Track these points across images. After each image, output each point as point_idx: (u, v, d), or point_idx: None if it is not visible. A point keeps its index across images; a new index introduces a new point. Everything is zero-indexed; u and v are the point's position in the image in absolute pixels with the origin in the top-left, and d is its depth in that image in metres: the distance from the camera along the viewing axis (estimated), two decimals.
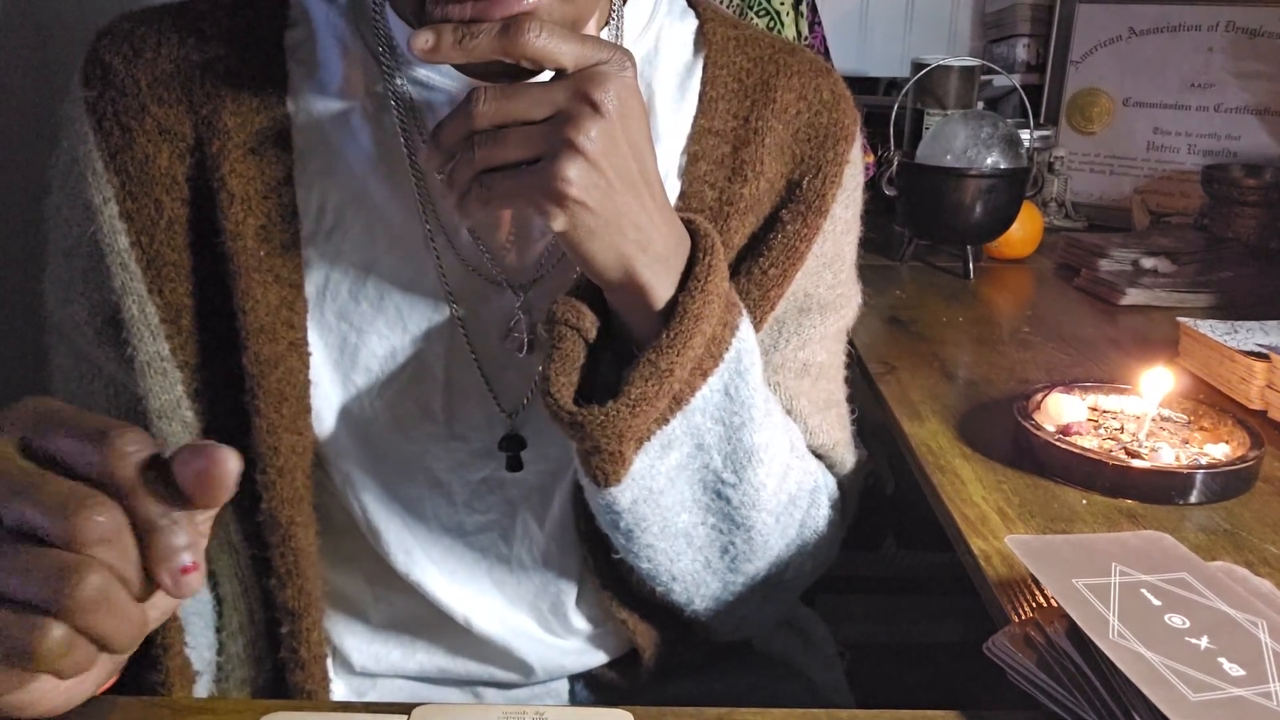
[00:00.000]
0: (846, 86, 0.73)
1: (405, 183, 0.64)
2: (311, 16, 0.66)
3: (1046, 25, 1.62)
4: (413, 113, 0.64)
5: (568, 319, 0.58)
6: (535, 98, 0.52)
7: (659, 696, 0.74)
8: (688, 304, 0.57)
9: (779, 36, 0.85)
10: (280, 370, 0.63)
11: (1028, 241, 1.36)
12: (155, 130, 0.62)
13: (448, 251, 0.65)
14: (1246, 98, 1.48)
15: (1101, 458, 0.73)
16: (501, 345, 0.66)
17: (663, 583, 0.67)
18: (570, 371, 0.58)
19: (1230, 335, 0.94)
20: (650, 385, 0.56)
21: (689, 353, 0.57)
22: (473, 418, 0.67)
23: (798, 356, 0.72)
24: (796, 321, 0.71)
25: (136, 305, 0.62)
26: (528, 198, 0.53)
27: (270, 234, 0.62)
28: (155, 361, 0.62)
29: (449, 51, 0.51)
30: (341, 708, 0.52)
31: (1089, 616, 0.50)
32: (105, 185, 0.62)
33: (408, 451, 0.67)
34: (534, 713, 0.51)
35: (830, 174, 0.69)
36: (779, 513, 0.67)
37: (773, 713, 0.52)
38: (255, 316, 0.62)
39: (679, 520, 0.64)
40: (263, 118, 0.63)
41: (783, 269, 0.68)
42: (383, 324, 0.65)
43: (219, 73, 0.63)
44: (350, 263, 0.64)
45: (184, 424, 0.63)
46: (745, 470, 0.63)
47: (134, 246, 0.62)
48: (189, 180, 0.63)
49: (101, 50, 0.63)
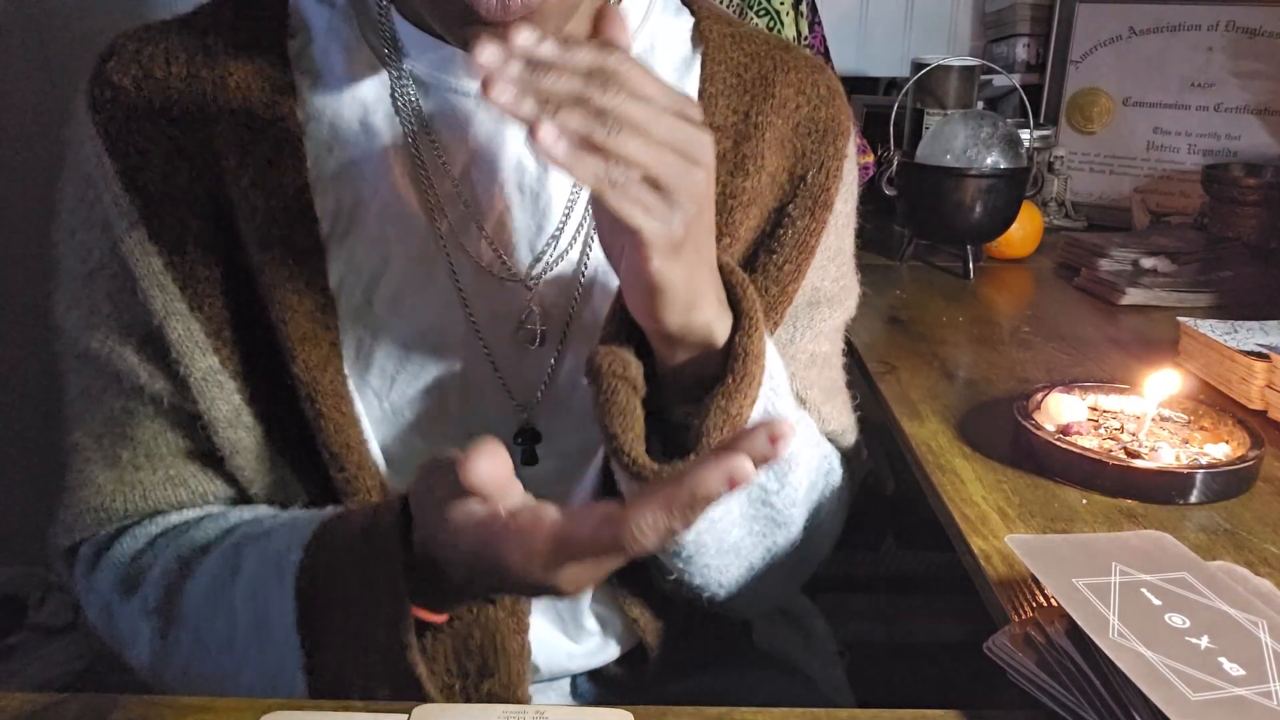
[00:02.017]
0: (840, 82, 0.74)
1: (415, 183, 0.65)
2: (311, 25, 0.66)
3: (1046, 25, 1.62)
4: (420, 113, 0.65)
5: (615, 370, 0.58)
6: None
7: (660, 693, 0.74)
8: (747, 345, 0.58)
9: (772, 34, 0.87)
10: (330, 372, 0.64)
11: (1028, 241, 1.36)
12: (172, 149, 0.63)
13: (457, 249, 0.66)
14: (1246, 97, 1.48)
15: (1101, 458, 0.73)
16: (513, 340, 0.67)
17: (710, 590, 0.68)
18: (634, 426, 0.58)
19: (1230, 335, 0.94)
20: (725, 432, 0.57)
21: (754, 392, 0.58)
22: (487, 414, 0.68)
23: (808, 349, 0.74)
24: (808, 315, 0.73)
25: (181, 324, 0.63)
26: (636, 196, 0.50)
27: (294, 243, 0.63)
28: (210, 375, 0.64)
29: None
30: (342, 707, 0.52)
31: (1089, 616, 0.50)
32: (129, 208, 0.62)
33: (423, 451, 0.68)
34: (534, 712, 0.51)
35: (832, 169, 0.71)
36: (808, 499, 0.69)
37: (773, 712, 0.52)
38: (296, 326, 0.63)
39: (732, 536, 0.65)
40: (276, 129, 0.63)
41: (796, 264, 0.69)
42: (396, 325, 0.66)
43: (229, 88, 0.63)
44: (364, 265, 0.65)
45: (248, 429, 0.65)
46: (787, 475, 0.66)
47: (168, 267, 0.63)
48: (210, 196, 0.63)
49: (109, 72, 0.63)
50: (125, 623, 0.66)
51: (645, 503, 0.45)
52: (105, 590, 0.66)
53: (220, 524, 0.66)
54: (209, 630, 0.62)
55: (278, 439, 0.66)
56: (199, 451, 0.67)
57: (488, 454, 0.48)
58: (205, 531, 0.65)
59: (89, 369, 0.67)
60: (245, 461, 0.66)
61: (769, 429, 0.45)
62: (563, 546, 0.47)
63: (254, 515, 0.66)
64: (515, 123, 0.50)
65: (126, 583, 0.65)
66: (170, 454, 0.67)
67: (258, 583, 0.60)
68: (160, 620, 0.64)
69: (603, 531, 0.46)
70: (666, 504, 0.44)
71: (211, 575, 0.62)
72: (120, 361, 0.65)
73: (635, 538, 0.45)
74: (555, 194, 0.66)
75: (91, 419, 0.67)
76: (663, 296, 0.54)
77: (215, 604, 0.62)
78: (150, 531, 0.67)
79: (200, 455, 0.67)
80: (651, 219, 0.50)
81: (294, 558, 0.59)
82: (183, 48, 0.64)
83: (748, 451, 0.45)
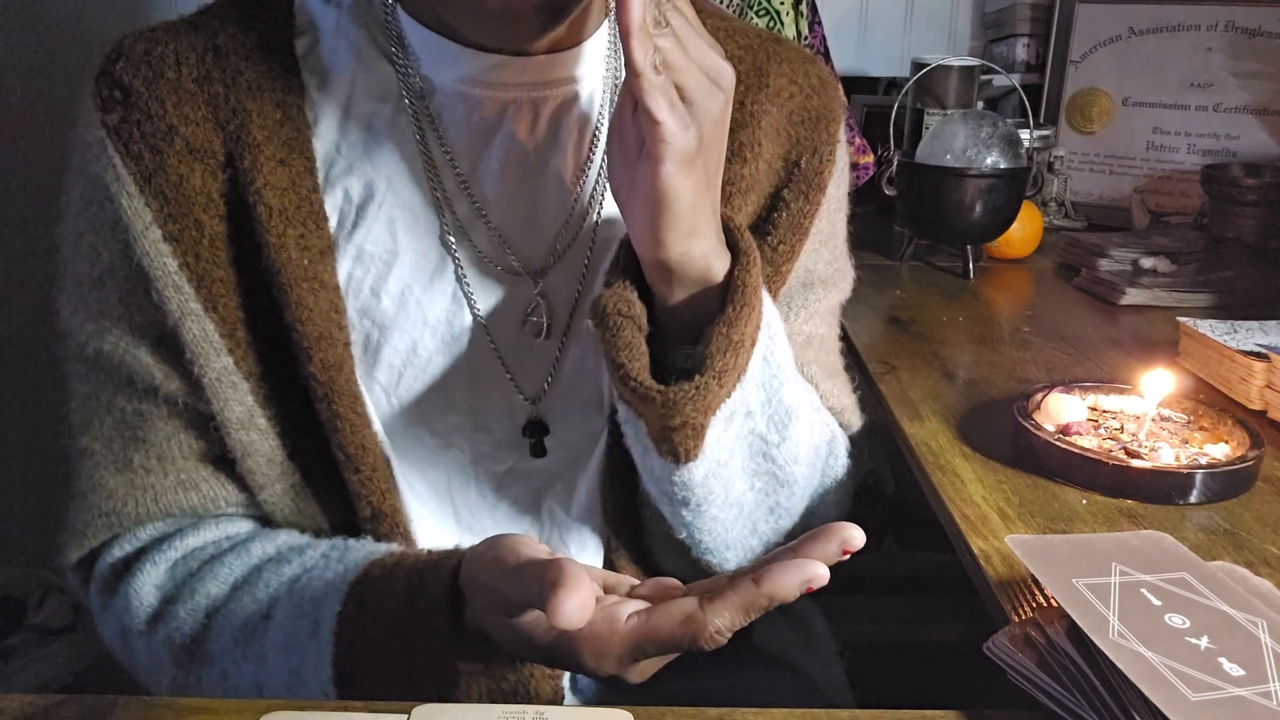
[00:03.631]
0: (830, 72, 0.77)
1: (422, 178, 0.66)
2: (318, 24, 0.66)
3: (1046, 25, 1.62)
4: (427, 110, 0.65)
5: (620, 309, 0.59)
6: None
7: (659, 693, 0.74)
8: (745, 278, 0.60)
9: (762, 28, 0.89)
10: (345, 373, 0.64)
11: (1028, 241, 1.36)
12: (185, 150, 0.63)
13: (464, 244, 0.66)
14: (1246, 97, 1.48)
15: (1101, 458, 0.73)
16: (520, 332, 0.68)
17: (716, 552, 0.69)
18: (640, 357, 0.59)
19: (1230, 335, 0.94)
20: (728, 357, 0.58)
21: (754, 323, 0.60)
22: (495, 407, 0.69)
23: (803, 329, 0.75)
24: (802, 296, 0.75)
25: (196, 324, 0.63)
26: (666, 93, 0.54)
27: (308, 242, 0.63)
28: (224, 376, 0.64)
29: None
30: (341, 707, 0.52)
31: (1089, 616, 0.50)
32: (143, 210, 0.62)
33: (432, 445, 0.69)
34: (534, 712, 0.51)
35: (825, 154, 0.73)
36: (810, 461, 0.70)
37: (773, 712, 0.52)
38: (313, 325, 0.63)
39: (736, 488, 0.66)
40: (287, 128, 0.64)
41: (790, 245, 0.71)
42: (404, 320, 0.66)
43: (241, 87, 0.63)
44: (372, 261, 0.65)
45: (260, 432, 0.65)
46: (786, 428, 0.66)
47: (183, 268, 0.62)
48: (224, 197, 0.63)
49: (118, 73, 0.63)
50: (145, 653, 0.65)
51: (723, 604, 0.49)
52: (125, 618, 0.66)
53: (245, 560, 0.65)
54: (236, 673, 0.62)
55: (290, 441, 0.66)
56: (211, 455, 0.67)
57: (574, 589, 0.46)
58: (231, 568, 0.65)
59: (97, 373, 0.67)
60: (257, 465, 0.66)
61: (840, 536, 0.49)
62: (639, 648, 0.50)
63: (276, 549, 0.66)
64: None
65: (148, 615, 0.65)
66: (182, 457, 0.67)
67: (290, 635, 0.60)
68: (184, 655, 0.64)
69: (681, 632, 0.49)
70: (744, 607, 0.48)
71: (241, 620, 0.62)
72: (134, 363, 0.65)
73: (712, 637, 0.48)
74: (561, 188, 0.67)
75: (101, 423, 0.67)
76: (668, 213, 0.56)
77: (244, 648, 0.62)
78: (170, 557, 0.67)
79: (213, 459, 0.67)
80: (674, 118, 0.54)
81: (330, 613, 0.59)
82: (192, 49, 0.64)
83: (820, 557, 0.49)
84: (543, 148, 0.67)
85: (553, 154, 0.67)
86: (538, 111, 0.66)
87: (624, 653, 0.51)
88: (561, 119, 0.67)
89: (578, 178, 0.67)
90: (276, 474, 0.66)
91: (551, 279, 0.68)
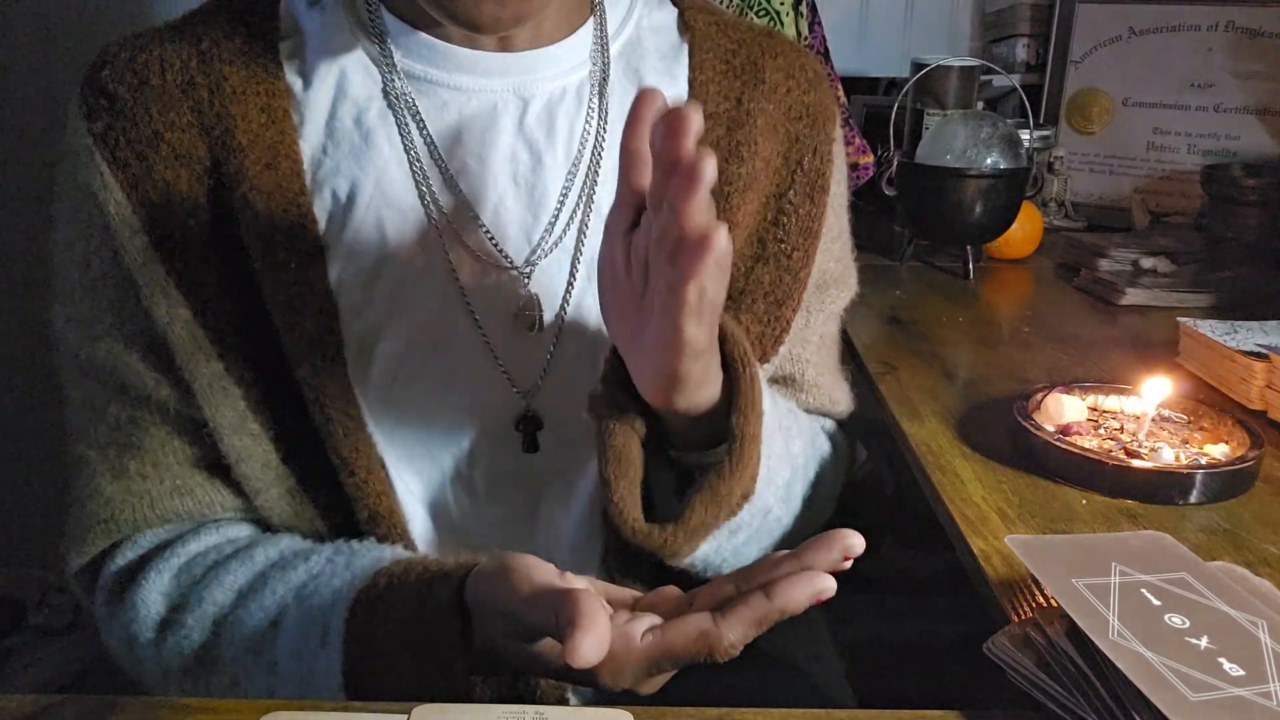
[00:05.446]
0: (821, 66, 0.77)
1: (409, 177, 0.66)
2: (302, 26, 0.67)
3: (1046, 25, 1.62)
4: (413, 109, 0.65)
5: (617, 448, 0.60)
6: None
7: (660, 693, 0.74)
8: (744, 427, 0.58)
9: (754, 22, 0.90)
10: (336, 376, 0.64)
11: (1028, 241, 1.36)
12: (171, 156, 0.62)
13: (454, 241, 0.66)
14: (1246, 98, 1.48)
15: (1101, 458, 0.73)
16: (512, 327, 0.68)
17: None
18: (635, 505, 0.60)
19: (1230, 335, 0.93)
20: (709, 513, 0.59)
21: (749, 473, 0.60)
22: (490, 403, 0.69)
23: (819, 331, 0.77)
24: (819, 299, 0.76)
25: (185, 330, 0.63)
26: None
27: (296, 245, 0.63)
28: (215, 381, 0.64)
29: None
30: (341, 707, 0.52)
31: (1089, 616, 0.50)
32: (131, 217, 0.62)
33: (428, 445, 0.69)
34: (534, 712, 0.51)
35: (825, 153, 0.73)
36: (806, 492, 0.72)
37: (773, 713, 0.52)
38: (304, 330, 0.63)
39: (747, 553, 0.67)
40: (272, 132, 0.63)
41: (805, 250, 0.71)
42: (397, 319, 0.66)
43: (225, 92, 0.63)
44: (362, 261, 0.65)
45: (253, 437, 0.65)
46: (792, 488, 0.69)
47: (171, 274, 0.62)
48: (211, 202, 0.63)
49: (104, 81, 0.63)
50: (153, 662, 0.65)
51: (735, 619, 0.50)
52: (133, 627, 0.66)
53: (250, 566, 0.65)
54: (247, 680, 0.62)
55: (284, 445, 0.66)
56: (206, 460, 0.67)
57: (590, 628, 0.45)
58: (236, 575, 0.65)
59: (91, 380, 0.67)
60: (251, 470, 0.66)
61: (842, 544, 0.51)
62: (656, 664, 0.51)
63: (280, 554, 0.66)
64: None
65: (156, 624, 0.65)
66: (177, 463, 0.67)
67: (300, 643, 0.60)
68: (194, 664, 0.64)
69: (696, 647, 0.50)
70: (757, 620, 0.50)
71: (250, 629, 0.62)
72: (126, 370, 0.65)
73: (727, 651, 0.50)
74: (549, 183, 0.67)
75: (95, 430, 0.67)
76: (681, 388, 0.56)
77: (255, 656, 0.62)
78: (174, 564, 0.66)
79: (207, 464, 0.67)
80: (701, 328, 0.52)
81: (338, 620, 0.59)
82: (177, 54, 0.64)
83: (823, 564, 0.50)
84: (530, 142, 0.67)
85: (540, 148, 0.67)
86: (524, 106, 0.66)
87: (640, 670, 0.51)
88: (548, 113, 0.67)
89: (566, 171, 0.68)
90: (271, 478, 0.66)
91: (543, 274, 0.68)
